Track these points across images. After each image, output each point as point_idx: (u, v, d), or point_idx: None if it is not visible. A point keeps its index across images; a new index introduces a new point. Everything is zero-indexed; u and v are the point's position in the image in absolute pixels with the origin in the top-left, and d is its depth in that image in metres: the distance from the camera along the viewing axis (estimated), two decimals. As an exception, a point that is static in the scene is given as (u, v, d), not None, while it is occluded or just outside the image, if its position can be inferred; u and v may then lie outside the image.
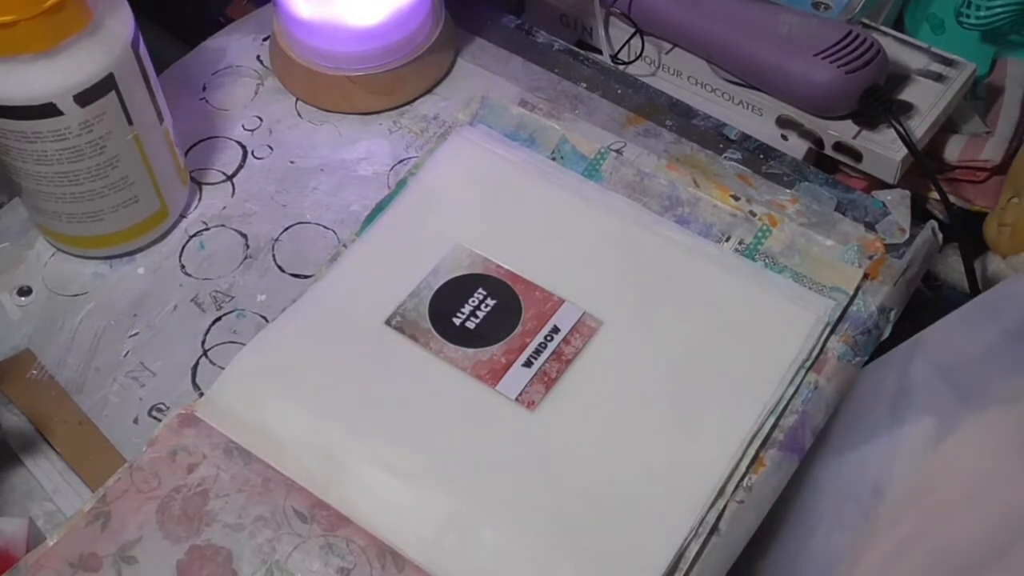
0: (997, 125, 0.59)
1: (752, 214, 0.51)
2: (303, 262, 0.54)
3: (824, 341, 0.47)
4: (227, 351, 0.50)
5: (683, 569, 0.42)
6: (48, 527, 0.47)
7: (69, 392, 0.50)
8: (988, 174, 0.58)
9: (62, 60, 0.47)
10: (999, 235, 0.55)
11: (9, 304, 0.53)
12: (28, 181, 0.50)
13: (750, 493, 0.44)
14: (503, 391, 0.46)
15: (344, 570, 0.42)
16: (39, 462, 0.48)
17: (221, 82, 0.61)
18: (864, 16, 0.61)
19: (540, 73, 0.60)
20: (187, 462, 0.44)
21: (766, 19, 0.58)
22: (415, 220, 0.52)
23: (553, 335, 0.47)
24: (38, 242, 0.55)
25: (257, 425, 0.45)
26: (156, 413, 0.49)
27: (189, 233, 0.55)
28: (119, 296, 0.53)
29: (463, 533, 0.43)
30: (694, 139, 0.56)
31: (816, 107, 0.57)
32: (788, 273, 0.49)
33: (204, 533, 0.43)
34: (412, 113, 0.59)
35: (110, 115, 0.49)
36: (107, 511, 0.43)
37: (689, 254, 0.50)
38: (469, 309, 0.48)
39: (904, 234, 0.51)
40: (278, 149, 0.58)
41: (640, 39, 0.61)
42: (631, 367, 0.47)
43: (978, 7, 0.60)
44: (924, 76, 0.58)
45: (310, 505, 0.43)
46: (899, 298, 0.49)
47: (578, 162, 0.53)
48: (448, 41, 0.61)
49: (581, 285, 0.49)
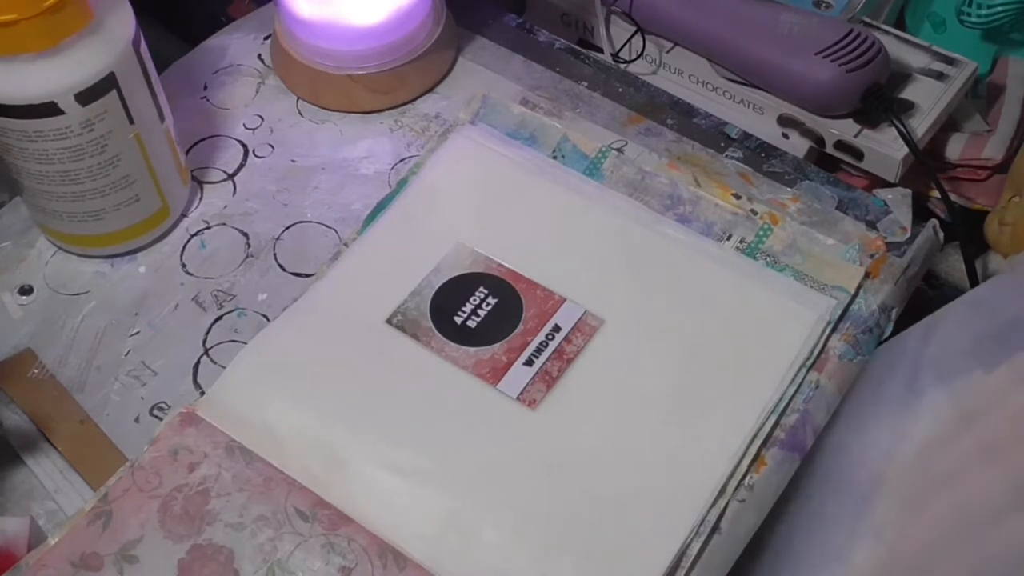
0: (998, 124, 0.59)
1: (753, 213, 0.51)
2: (304, 261, 0.54)
3: (825, 340, 0.47)
4: (228, 350, 0.50)
5: (684, 568, 0.42)
6: (49, 526, 0.47)
7: (70, 391, 0.50)
8: (989, 173, 0.58)
9: (63, 59, 0.47)
10: (1000, 234, 0.55)
11: (10, 303, 0.53)
12: (29, 180, 0.50)
13: (751, 492, 0.44)
14: (504, 390, 0.46)
15: (345, 569, 0.42)
16: (40, 461, 0.48)
17: (222, 81, 0.61)
18: (865, 15, 0.61)
19: (541, 72, 0.60)
20: (188, 461, 0.44)
21: (767, 18, 0.58)
22: (416, 219, 0.52)
23: (554, 334, 0.47)
24: (39, 241, 0.55)
25: (258, 424, 0.45)
26: (157, 412, 0.49)
27: (190, 232, 0.55)
28: (120, 295, 0.53)
29: (464, 532, 0.43)
30: (695, 138, 0.56)
31: (817, 106, 0.57)
32: (789, 272, 0.49)
33: (205, 532, 0.43)
34: (413, 112, 0.59)
35: (111, 114, 0.49)
36: (108, 510, 0.43)
37: (690, 253, 0.50)
38: (470, 308, 0.48)
39: (905, 233, 0.51)
40: (279, 148, 0.58)
41: (641, 38, 0.61)
42: (632, 366, 0.47)
43: (979, 6, 0.60)
44: (925, 75, 0.58)
45: (311, 504, 0.43)
46: (900, 297, 0.49)
47: (579, 161, 0.53)
48: (449, 40, 0.61)
49: (582, 284, 0.49)
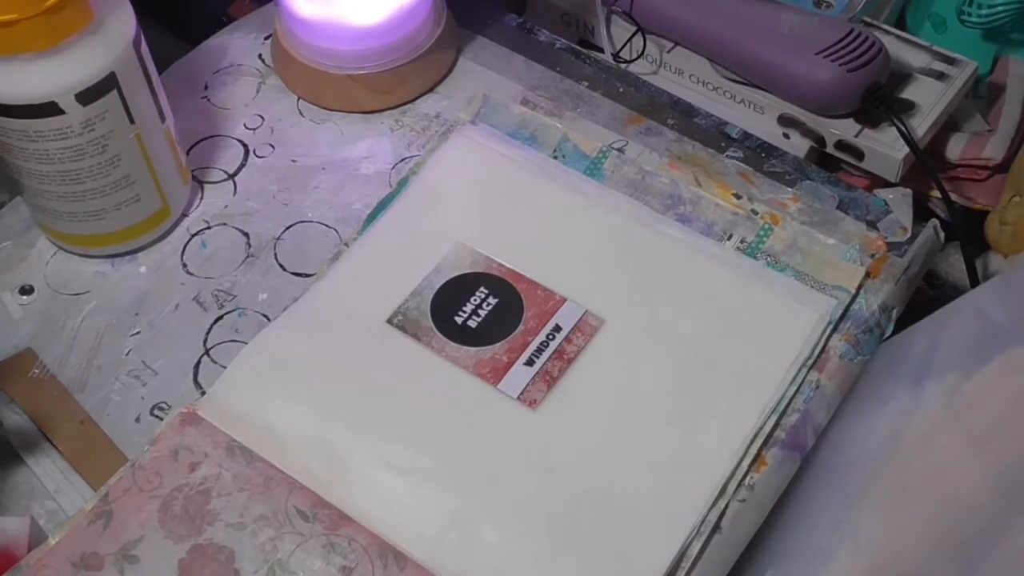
0: (999, 123, 0.59)
1: (754, 212, 0.51)
2: (305, 261, 0.54)
3: (826, 340, 0.47)
4: (229, 350, 0.50)
5: (685, 568, 0.42)
6: (50, 526, 0.47)
7: (71, 391, 0.50)
8: (990, 173, 0.58)
9: (64, 59, 0.47)
10: (1000, 234, 0.55)
11: (11, 303, 0.53)
12: (30, 180, 0.50)
13: (752, 492, 0.44)
14: (505, 390, 0.46)
15: (346, 569, 0.42)
16: (41, 461, 0.48)
17: (223, 81, 0.61)
18: (866, 14, 0.61)
19: (542, 72, 0.60)
20: (189, 461, 0.44)
21: (768, 17, 0.58)
22: (417, 219, 0.52)
23: (555, 334, 0.47)
24: (40, 241, 0.55)
25: (259, 424, 0.45)
26: (158, 412, 0.49)
27: (191, 232, 0.55)
28: (121, 295, 0.53)
29: (465, 532, 0.43)
30: (696, 138, 0.56)
31: (818, 106, 0.57)
32: (790, 272, 0.49)
33: (206, 532, 0.43)
34: (414, 112, 0.59)
35: (112, 114, 0.49)
36: (109, 510, 0.43)
37: (691, 253, 0.50)
38: (471, 308, 0.48)
39: (906, 233, 0.51)
40: (280, 148, 0.58)
41: (642, 38, 0.61)
42: (633, 366, 0.47)
43: (980, 5, 0.60)
44: (926, 74, 0.58)
45: (312, 504, 0.43)
46: (901, 297, 0.49)
47: (580, 161, 0.53)
48: (450, 40, 0.61)
49: (583, 284, 0.49)
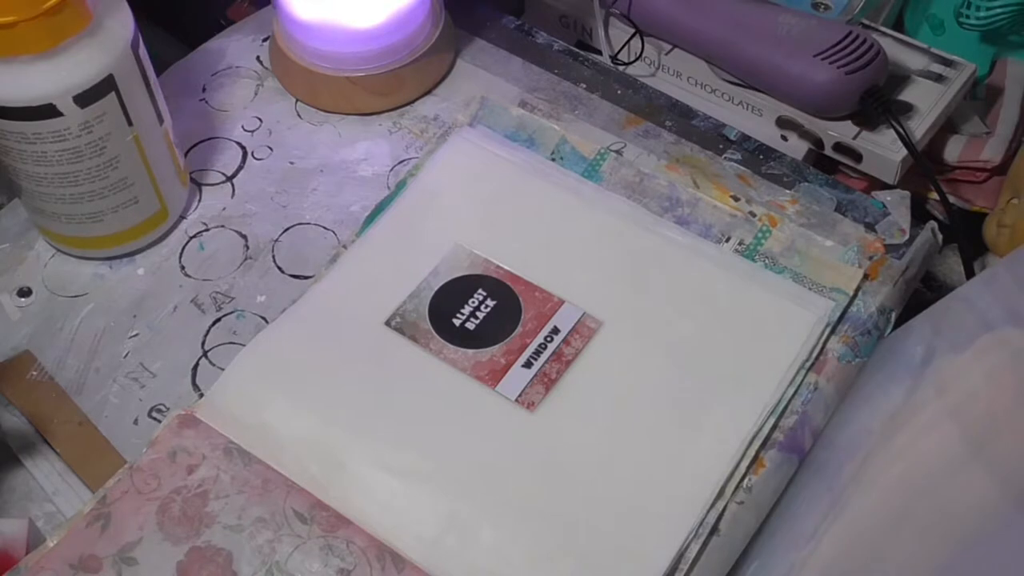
0: (997, 126, 0.59)
1: (752, 215, 0.51)
2: (303, 263, 0.54)
3: (824, 342, 0.47)
4: (227, 352, 0.50)
5: (683, 570, 0.42)
6: (48, 528, 0.47)
7: (69, 393, 0.50)
8: (988, 175, 0.58)
9: (62, 61, 0.47)
10: (999, 236, 0.55)
11: (9, 305, 0.53)
12: (28, 182, 0.50)
13: (750, 494, 0.44)
14: (503, 392, 0.46)
15: (344, 571, 0.42)
16: (39, 463, 0.48)
17: (221, 83, 0.61)
18: (864, 16, 0.61)
19: (540, 74, 0.60)
20: (187, 463, 0.44)
21: (766, 20, 0.58)
22: (415, 221, 0.52)
23: (553, 336, 0.47)
24: (38, 243, 0.55)
25: (257, 426, 0.45)
26: (156, 414, 0.49)
27: (189, 234, 0.55)
28: (119, 297, 0.53)
29: (463, 534, 0.43)
30: (694, 140, 0.56)
31: (816, 108, 0.57)
32: (788, 274, 0.49)
33: (204, 534, 0.43)
34: (412, 114, 0.59)
35: (110, 116, 0.49)
36: (107, 512, 0.43)
37: (689, 255, 0.50)
38: (469, 310, 0.48)
39: (904, 235, 0.51)
40: (278, 150, 0.58)
41: (640, 40, 0.61)
42: (631, 368, 0.47)
43: (978, 7, 0.60)
44: (924, 77, 0.58)
45: (310, 506, 0.43)
46: (899, 299, 0.49)
47: (578, 163, 0.53)
48: (448, 42, 0.61)
49: (581, 286, 0.49)
